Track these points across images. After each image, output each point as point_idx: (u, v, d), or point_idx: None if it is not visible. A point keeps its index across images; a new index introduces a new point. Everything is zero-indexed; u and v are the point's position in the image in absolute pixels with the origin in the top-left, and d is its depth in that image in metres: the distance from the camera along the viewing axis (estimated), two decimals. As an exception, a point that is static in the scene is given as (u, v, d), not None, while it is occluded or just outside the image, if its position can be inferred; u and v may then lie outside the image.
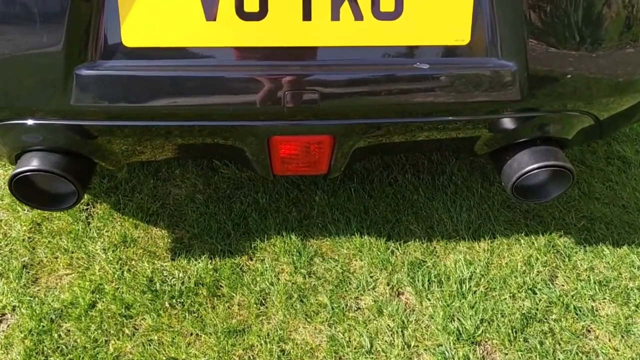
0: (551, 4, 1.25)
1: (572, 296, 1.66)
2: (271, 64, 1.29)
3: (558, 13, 1.26)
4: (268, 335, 1.53)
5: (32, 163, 1.36)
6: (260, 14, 1.23)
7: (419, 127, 1.42)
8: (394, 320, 1.58)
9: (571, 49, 1.30)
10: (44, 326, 1.53)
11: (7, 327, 1.54)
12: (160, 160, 1.55)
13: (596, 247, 1.81)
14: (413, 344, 1.53)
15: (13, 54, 1.20)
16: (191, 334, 1.54)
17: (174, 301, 1.60)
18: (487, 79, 1.31)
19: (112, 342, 1.51)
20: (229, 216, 1.86)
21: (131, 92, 1.26)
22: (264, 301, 1.62)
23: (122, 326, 1.54)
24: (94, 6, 1.19)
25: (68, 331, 1.53)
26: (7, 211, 1.86)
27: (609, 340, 1.56)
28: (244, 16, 1.23)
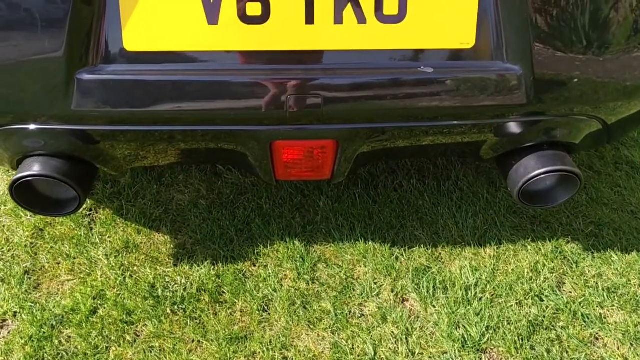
0: (557, 7, 1.24)
1: (580, 303, 1.63)
2: (274, 68, 1.28)
3: (564, 16, 1.25)
4: (270, 342, 1.52)
5: (34, 168, 1.35)
6: (263, 18, 1.22)
7: (423, 131, 1.40)
8: (398, 327, 1.56)
9: (578, 53, 1.29)
10: (44, 332, 1.52)
11: (7, 333, 1.53)
12: (163, 165, 1.54)
13: (604, 254, 1.78)
14: (417, 351, 1.51)
15: (14, 58, 1.20)
16: (193, 341, 1.52)
17: (175, 307, 1.59)
18: (492, 82, 1.30)
19: (113, 348, 1.50)
20: (232, 222, 1.84)
21: (133, 96, 1.25)
22: (266, 307, 1.61)
23: (123, 332, 1.53)
24: (96, 10, 1.18)
25: (69, 337, 1.52)
26: (10, 217, 1.85)
27: (618, 349, 1.53)
28: (246, 20, 1.22)
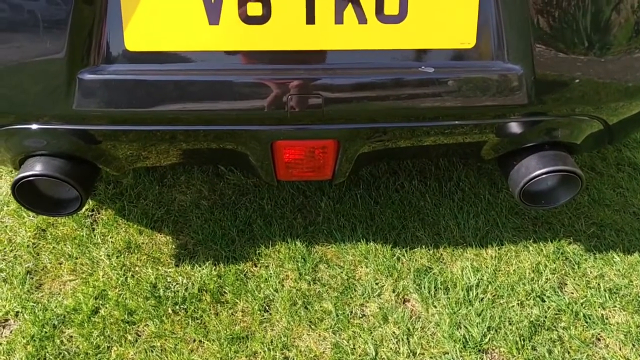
0: (558, 7, 1.23)
1: (582, 304, 1.62)
2: (274, 68, 1.28)
3: (565, 16, 1.24)
4: (271, 342, 1.52)
5: (36, 168, 1.36)
6: (264, 18, 1.22)
7: (424, 131, 1.40)
8: (399, 327, 1.56)
9: (579, 53, 1.28)
10: (46, 332, 1.52)
11: (9, 333, 1.54)
12: (164, 165, 1.54)
13: (606, 255, 1.78)
14: (419, 351, 1.51)
15: (16, 58, 1.20)
16: (194, 341, 1.52)
17: (177, 307, 1.59)
18: (493, 82, 1.29)
19: (115, 348, 1.50)
20: (233, 222, 1.85)
21: (134, 96, 1.25)
22: (267, 308, 1.61)
23: (124, 332, 1.53)
24: (97, 10, 1.19)
25: (70, 337, 1.52)
26: (13, 217, 1.86)
27: (620, 349, 1.53)
28: (247, 20, 1.22)
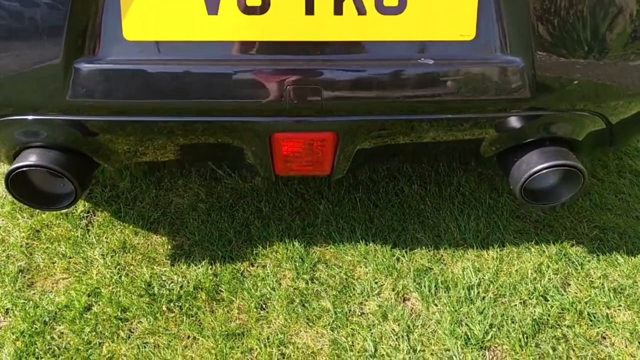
0: None
1: (586, 303, 1.59)
2: (273, 58, 1.27)
3: (566, 8, 1.24)
4: (268, 339, 1.47)
5: (30, 158, 1.34)
6: (263, 8, 1.22)
7: (423, 126, 1.38)
8: (399, 324, 1.52)
9: (581, 46, 1.27)
10: (36, 328, 1.48)
11: (-1, 330, 1.50)
12: (161, 161, 1.52)
13: (610, 256, 1.75)
14: (419, 348, 1.46)
15: (12, 48, 1.19)
16: (188, 337, 1.48)
17: (171, 305, 1.55)
18: (493, 75, 1.28)
19: (106, 344, 1.46)
20: (230, 224, 1.82)
21: (131, 86, 1.24)
22: (264, 305, 1.57)
23: (117, 329, 1.49)
24: None
25: (61, 333, 1.48)
26: (7, 218, 1.83)
27: (626, 347, 1.49)
28: (246, 10, 1.22)
